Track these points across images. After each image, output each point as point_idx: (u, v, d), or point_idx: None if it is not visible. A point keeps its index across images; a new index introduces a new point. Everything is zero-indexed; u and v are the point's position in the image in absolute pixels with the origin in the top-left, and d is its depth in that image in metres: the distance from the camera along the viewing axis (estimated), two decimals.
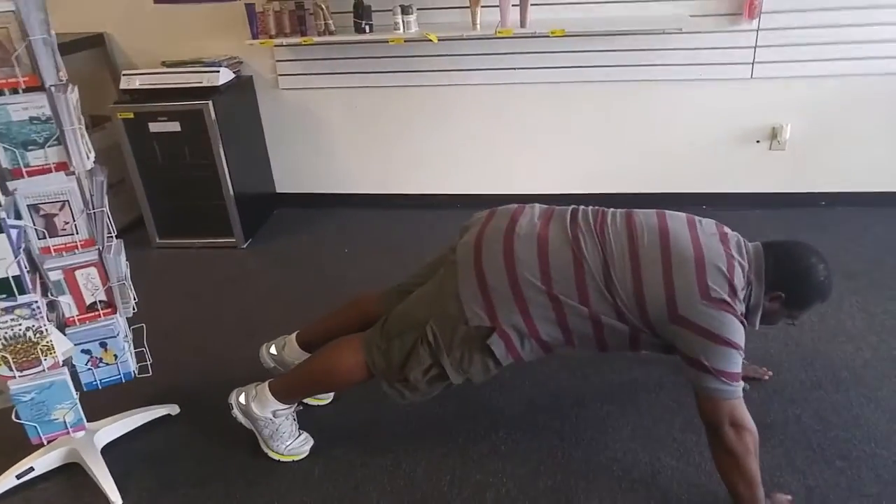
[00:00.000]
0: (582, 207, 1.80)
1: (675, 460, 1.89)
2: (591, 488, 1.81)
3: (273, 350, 2.15)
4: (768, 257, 1.68)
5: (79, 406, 1.79)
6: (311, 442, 1.99)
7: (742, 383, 1.59)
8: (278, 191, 3.77)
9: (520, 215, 1.77)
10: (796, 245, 1.73)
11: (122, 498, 1.85)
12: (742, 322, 1.60)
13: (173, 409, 2.17)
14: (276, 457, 1.94)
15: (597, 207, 1.80)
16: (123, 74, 3.14)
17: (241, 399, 1.93)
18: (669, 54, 3.14)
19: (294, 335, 2.14)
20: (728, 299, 1.58)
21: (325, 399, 2.18)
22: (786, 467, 1.84)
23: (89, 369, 1.85)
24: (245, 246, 3.38)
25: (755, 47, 3.08)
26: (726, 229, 1.76)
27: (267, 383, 1.93)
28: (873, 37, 3.00)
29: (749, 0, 2.94)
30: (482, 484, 1.85)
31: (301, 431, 1.98)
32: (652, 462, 1.89)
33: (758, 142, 3.30)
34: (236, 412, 1.94)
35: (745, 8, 2.96)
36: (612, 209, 1.79)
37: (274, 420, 1.91)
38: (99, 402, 2.08)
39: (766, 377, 2.18)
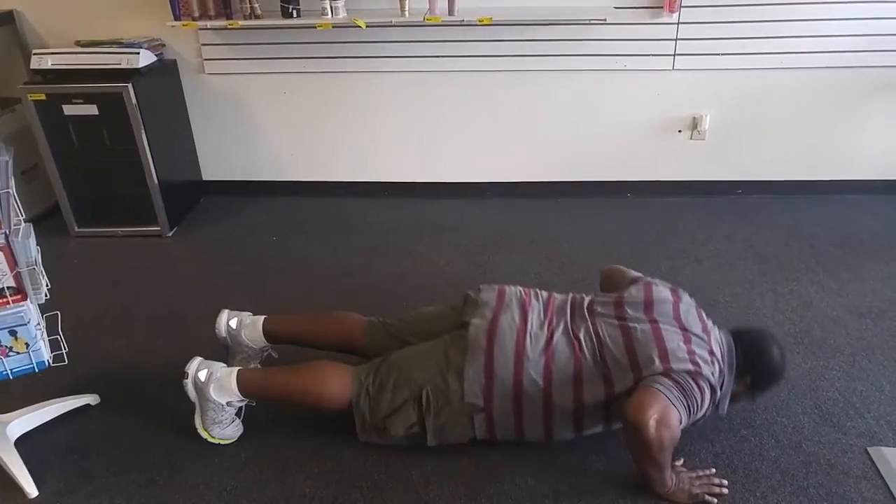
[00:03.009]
0: (578, 298, 1.96)
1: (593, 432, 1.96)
2: (514, 462, 1.87)
3: (233, 324, 2.09)
4: (737, 346, 1.85)
5: None
6: (242, 429, 1.97)
7: (686, 414, 1.65)
8: (205, 178, 3.69)
9: (529, 308, 1.90)
10: (760, 335, 1.91)
11: (39, 489, 1.80)
12: (710, 403, 1.73)
13: (93, 399, 2.12)
14: (206, 436, 1.92)
15: (588, 297, 1.96)
16: (34, 54, 3.00)
17: (201, 375, 1.88)
18: (594, 45, 3.22)
19: (260, 319, 2.11)
20: (713, 384, 1.73)
21: None
22: (697, 438, 1.94)
23: None
24: (170, 234, 3.30)
25: (676, 40, 3.19)
26: (705, 318, 1.88)
27: (235, 373, 1.89)
28: (788, 32, 3.16)
29: None
30: (407, 462, 1.88)
31: (236, 417, 1.96)
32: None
33: (679, 131, 3.43)
34: (189, 384, 1.88)
35: (666, 2, 3.07)
36: (601, 299, 1.94)
37: (225, 408, 1.89)
38: (13, 393, 2.01)
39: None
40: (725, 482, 1.79)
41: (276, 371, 2.03)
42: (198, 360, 1.92)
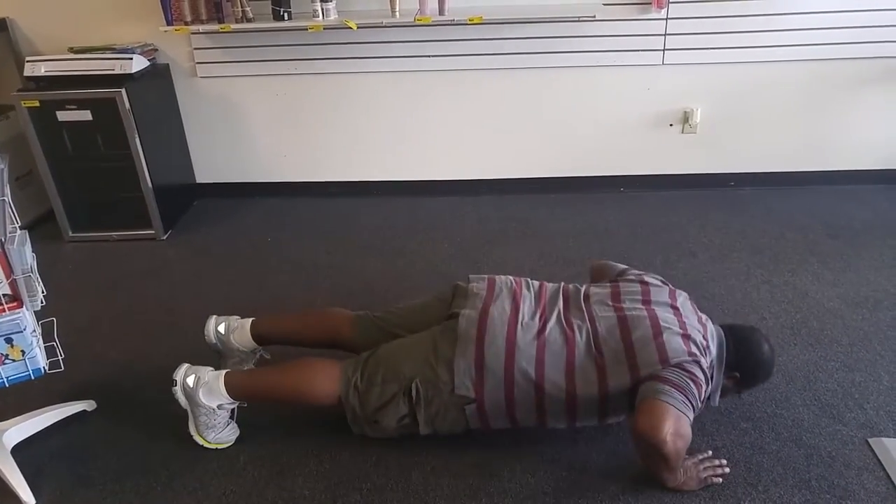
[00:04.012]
0: (571, 287, 1.96)
1: (593, 429, 1.95)
2: (514, 461, 1.87)
3: (222, 329, 2.09)
4: (728, 342, 1.85)
5: None
6: (238, 431, 1.97)
7: (692, 411, 1.65)
8: (199, 181, 3.69)
9: (520, 298, 1.88)
10: (751, 332, 1.91)
11: (36, 497, 1.79)
12: (704, 401, 1.73)
13: (89, 405, 2.11)
14: (202, 442, 1.91)
15: (582, 287, 1.96)
16: (27, 61, 3.00)
17: (190, 381, 1.87)
18: (584, 41, 3.22)
19: (248, 322, 2.10)
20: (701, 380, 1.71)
21: None
22: (696, 431, 1.90)
23: None
24: (164, 237, 3.30)
25: (665, 35, 3.20)
26: (699, 313, 1.89)
27: (223, 375, 1.88)
28: (776, 26, 3.16)
29: None
30: (407, 463, 1.87)
31: (231, 421, 1.96)
32: (571, 433, 1.95)
33: (671, 125, 3.44)
34: (178, 391, 1.88)
35: None
36: (596, 289, 1.94)
37: (216, 412, 1.88)
38: (9, 401, 2.01)
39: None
40: (725, 461, 1.81)
41: (264, 371, 2.03)
42: (185, 366, 1.91)
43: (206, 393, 1.86)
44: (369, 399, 1.82)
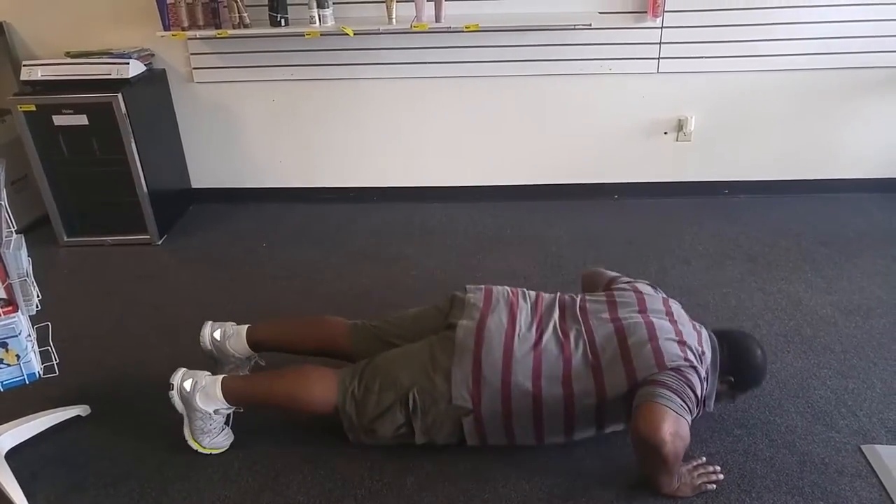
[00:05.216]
0: (567, 298, 1.96)
1: (587, 437, 1.96)
2: (508, 467, 1.87)
3: (217, 335, 2.09)
4: (722, 347, 1.87)
5: None
6: (233, 437, 1.96)
7: (688, 414, 1.66)
8: (194, 186, 3.69)
9: (517, 309, 1.90)
10: (744, 337, 1.94)
11: (30, 503, 1.78)
12: (700, 408, 1.75)
13: (84, 410, 2.10)
14: (196, 447, 1.91)
15: (578, 297, 1.97)
16: (24, 65, 3.00)
17: (187, 385, 1.87)
18: (580, 49, 3.24)
19: (244, 328, 2.10)
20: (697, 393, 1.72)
21: None
22: (691, 438, 1.93)
23: None
24: (160, 242, 3.29)
25: (660, 44, 3.22)
26: (698, 326, 1.91)
27: (220, 381, 1.88)
28: (769, 35, 3.19)
29: (652, 0, 3.07)
30: (401, 469, 1.87)
31: (226, 426, 1.96)
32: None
33: (665, 133, 3.46)
34: (175, 395, 1.87)
35: (649, 7, 3.10)
36: (592, 298, 1.95)
37: (213, 417, 1.88)
38: (3, 406, 2.00)
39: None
40: (719, 468, 1.82)
41: (261, 377, 2.02)
42: (182, 370, 1.91)
43: (202, 397, 1.86)
44: (366, 408, 1.83)
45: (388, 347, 1.96)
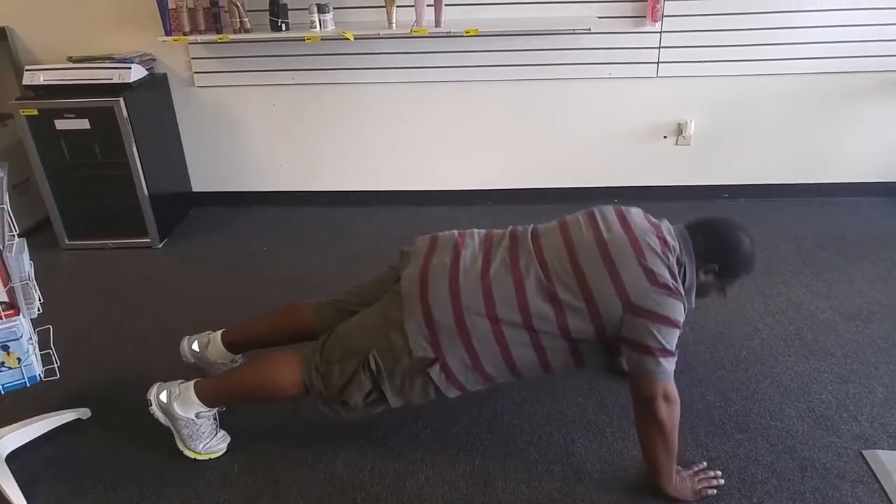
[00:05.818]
0: (520, 228, 1.89)
1: (588, 441, 1.97)
2: (508, 471, 1.87)
3: (196, 346, 2.10)
4: (696, 236, 1.78)
5: None
6: (229, 439, 1.97)
7: (675, 359, 1.66)
8: (195, 189, 3.69)
9: (462, 248, 1.82)
10: (723, 221, 1.84)
11: None
12: (683, 304, 1.70)
13: (84, 413, 2.10)
14: (193, 455, 1.91)
15: (530, 226, 1.89)
16: (27, 70, 3.01)
17: (163, 397, 1.88)
18: (579, 54, 3.25)
19: (219, 333, 2.10)
20: (671, 285, 1.66)
21: None
22: (690, 442, 1.94)
23: None
24: (160, 246, 3.30)
25: (659, 48, 3.23)
26: (652, 218, 1.85)
27: (192, 384, 1.88)
28: (769, 40, 3.20)
29: (651, 4, 3.08)
30: (402, 473, 1.87)
31: (219, 429, 1.96)
32: (566, 444, 1.96)
33: (665, 137, 3.46)
34: (155, 409, 1.88)
35: (649, 11, 3.11)
36: (543, 225, 1.88)
37: (196, 421, 1.88)
38: (3, 409, 2.00)
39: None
40: (720, 473, 1.81)
41: (230, 373, 2.02)
42: (156, 384, 1.91)
43: (180, 405, 1.86)
44: (331, 379, 1.78)
45: (350, 317, 1.91)
